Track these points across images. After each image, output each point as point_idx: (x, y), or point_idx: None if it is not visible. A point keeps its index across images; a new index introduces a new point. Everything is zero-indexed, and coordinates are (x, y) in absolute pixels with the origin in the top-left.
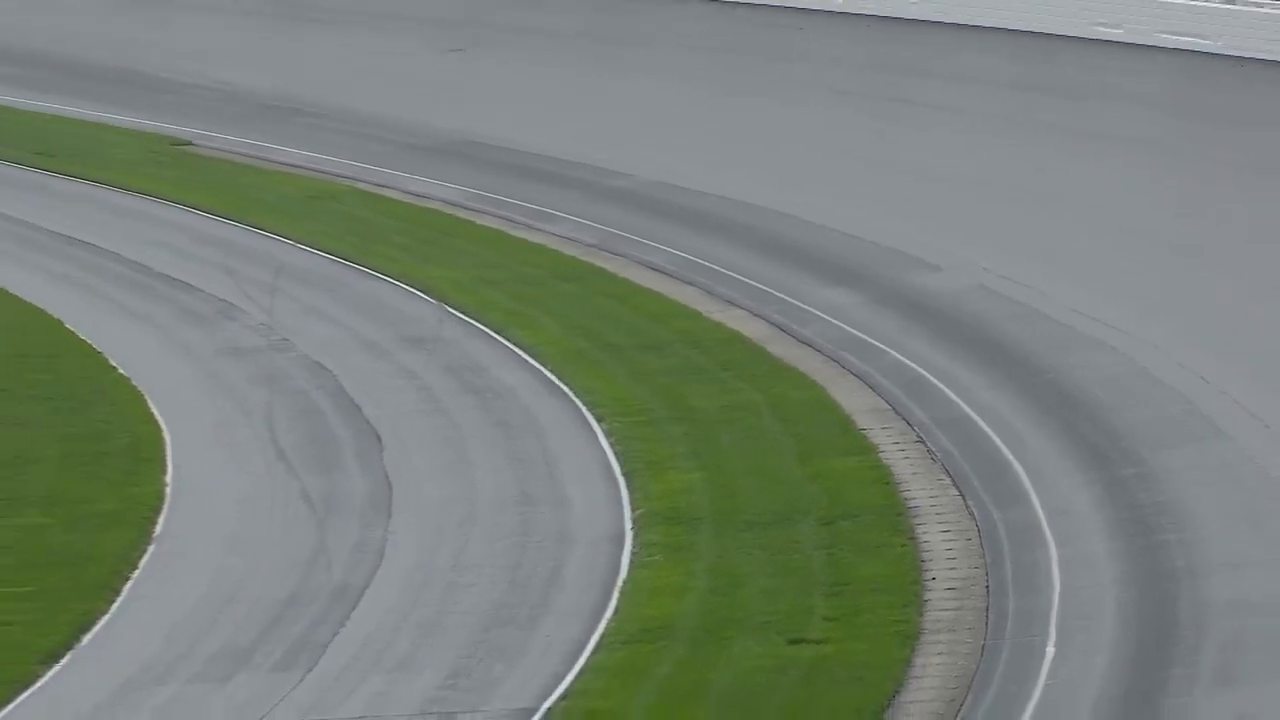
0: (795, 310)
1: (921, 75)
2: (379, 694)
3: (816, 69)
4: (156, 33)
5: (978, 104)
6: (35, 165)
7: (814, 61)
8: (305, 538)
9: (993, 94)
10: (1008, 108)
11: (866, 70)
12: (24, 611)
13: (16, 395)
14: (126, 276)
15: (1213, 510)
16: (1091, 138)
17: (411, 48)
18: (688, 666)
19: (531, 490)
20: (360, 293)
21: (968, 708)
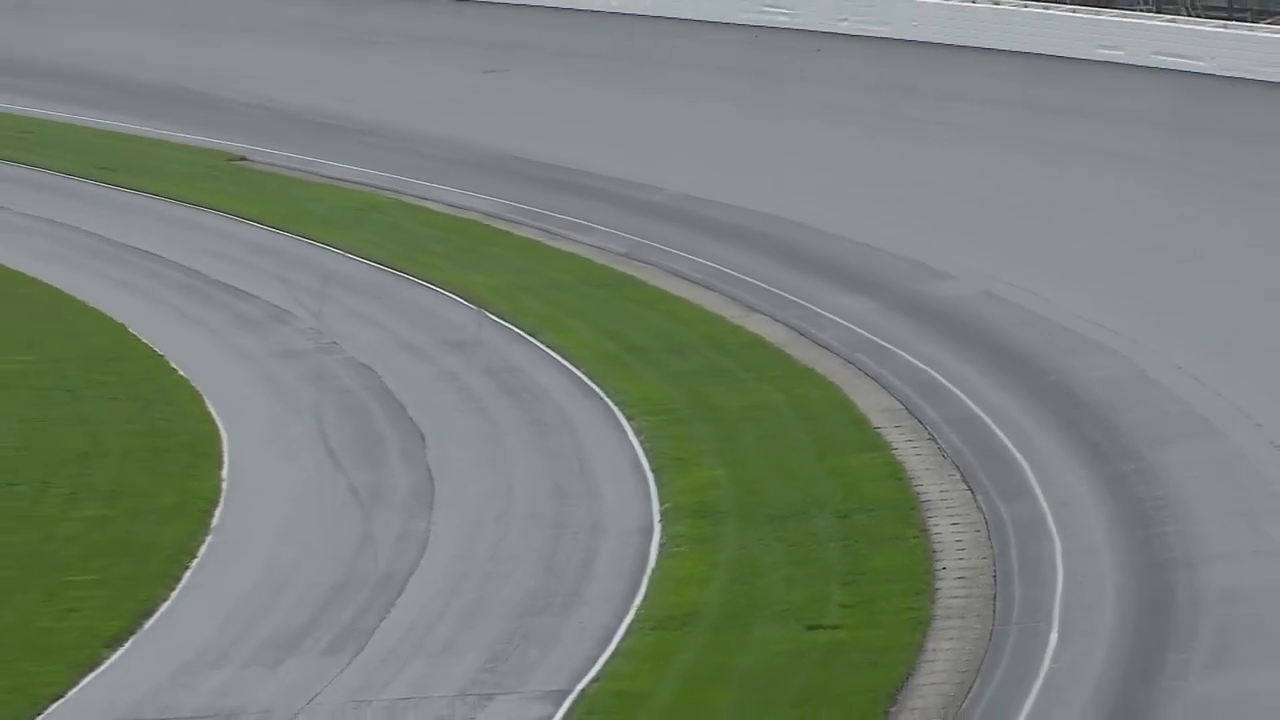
0: (814, 315)
1: (931, 95)
2: (422, 677)
3: (833, 89)
4: (215, 56)
5: (986, 121)
6: (100, 179)
7: (831, 82)
8: (352, 529)
9: (1000, 112)
10: (1014, 125)
11: (880, 90)
12: (90, 598)
13: (83, 395)
14: (185, 284)
15: (1207, 504)
16: (1093, 153)
17: (453, 68)
18: (712, 651)
19: (565, 485)
20: (404, 299)
21: (976, 690)
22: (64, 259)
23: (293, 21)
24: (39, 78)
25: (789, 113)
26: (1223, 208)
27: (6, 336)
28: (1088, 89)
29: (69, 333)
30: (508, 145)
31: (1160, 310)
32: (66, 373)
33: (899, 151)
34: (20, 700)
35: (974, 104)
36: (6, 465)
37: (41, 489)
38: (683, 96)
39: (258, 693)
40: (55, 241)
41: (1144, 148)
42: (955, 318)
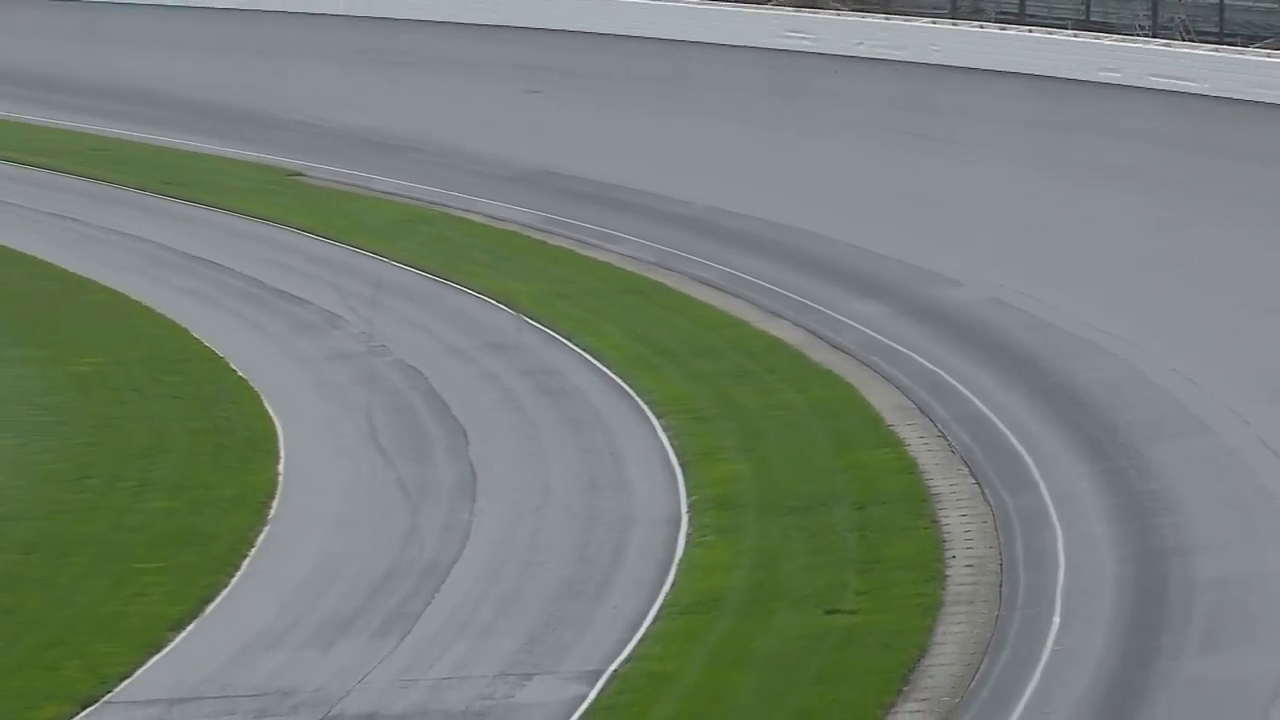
0: (831, 320)
1: (943, 114)
2: (464, 658)
3: (851, 108)
4: (274, 79)
5: (994, 139)
6: (165, 193)
7: (848, 101)
8: (400, 520)
9: (1008, 130)
10: (1021, 142)
11: (895, 110)
12: (155, 584)
13: (150, 395)
14: (245, 291)
15: (1200, 497)
16: (1094, 168)
17: (494, 89)
18: (736, 634)
19: (598, 478)
20: (448, 304)
21: (983, 670)
22: (133, 268)
23: (347, 47)
24: (111, 100)
25: (808, 131)
26: (1216, 220)
27: (80, 340)
28: (1089, 108)
29: (137, 336)
30: (544, 161)
31: (1157, 316)
32: (135, 374)
33: (913, 167)
34: (91, 679)
35: (983, 122)
36: (79, 460)
37: (111, 482)
38: (708, 115)
39: (311, 673)
40: (125, 252)
41: (1142, 163)
42: (964, 323)
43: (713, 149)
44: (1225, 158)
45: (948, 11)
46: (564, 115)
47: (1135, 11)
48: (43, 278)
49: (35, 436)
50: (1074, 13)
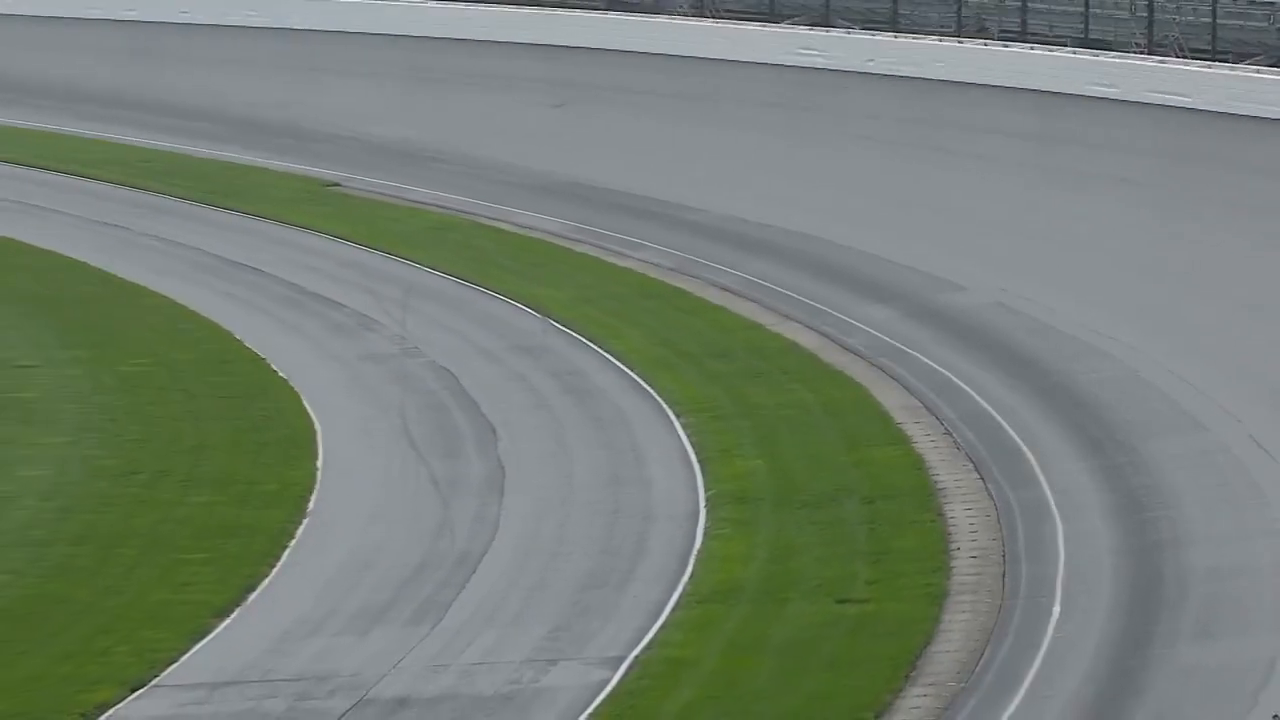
0: (842, 323)
1: (948, 126)
2: (494, 645)
3: (860, 121)
4: (312, 95)
5: (997, 150)
6: (210, 203)
7: (858, 115)
8: (432, 513)
9: (1010, 142)
10: (1022, 154)
11: (903, 123)
12: (201, 574)
13: (195, 394)
14: (285, 295)
15: (1193, 491)
16: (1093, 179)
17: (521, 104)
18: (752, 622)
19: (620, 474)
20: (478, 309)
21: (987, 657)
22: (180, 274)
23: (380, 64)
24: (160, 115)
25: (821, 143)
26: (1210, 228)
27: (130, 342)
28: (1087, 122)
29: (184, 339)
30: (570, 172)
31: (1153, 320)
32: (181, 374)
33: (920, 177)
34: (140, 664)
35: (986, 135)
36: (129, 456)
37: (159, 477)
38: (725, 128)
39: (348, 658)
40: (172, 259)
41: (1138, 174)
42: (969, 326)
43: (729, 160)
44: (1217, 168)
45: (953, 30)
46: (588, 129)
47: (1131, 30)
48: (93, 283)
49: (86, 434)
50: (1073, 31)
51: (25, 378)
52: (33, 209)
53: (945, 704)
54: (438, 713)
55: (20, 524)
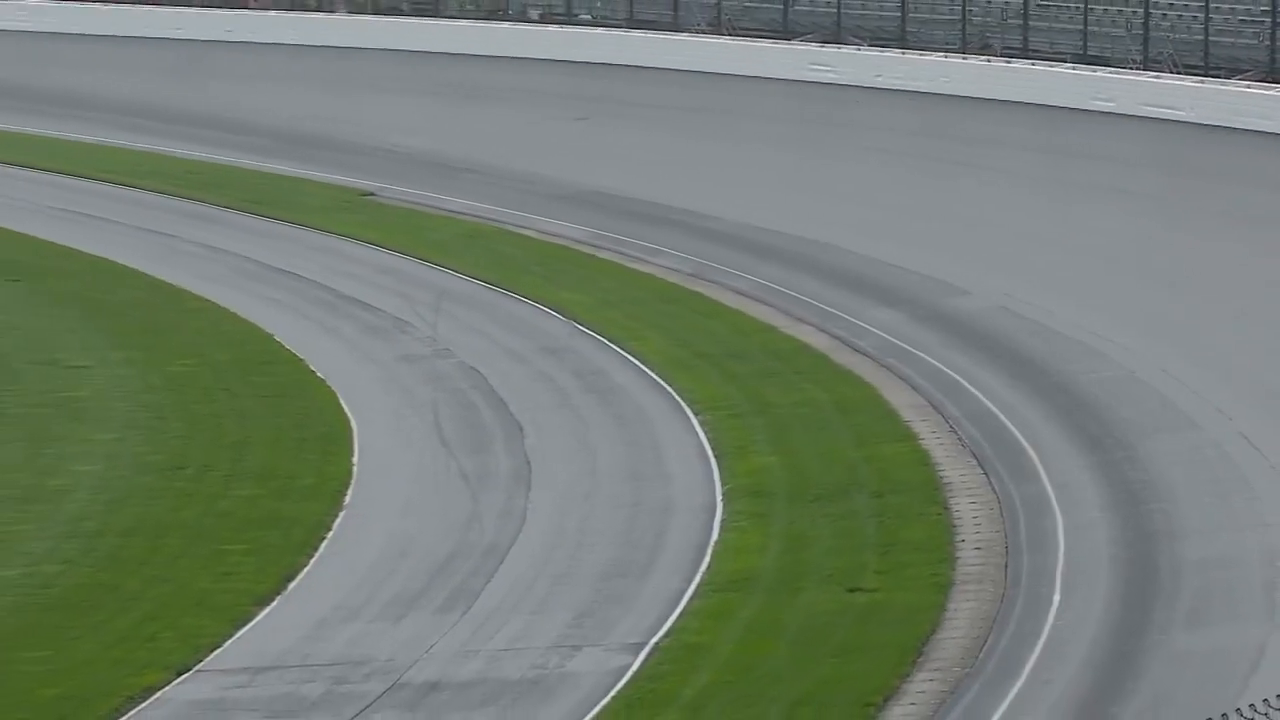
0: (852, 326)
1: (954, 139)
2: (521, 631)
3: (869, 134)
4: (348, 108)
5: (1000, 162)
6: (251, 211)
7: (867, 128)
8: (462, 506)
9: (1011, 154)
10: (1024, 165)
11: (910, 136)
12: (243, 564)
13: (238, 393)
14: (323, 299)
15: (1186, 486)
16: (1092, 189)
17: (546, 117)
18: (766, 610)
19: (641, 469)
20: (506, 312)
21: (990, 643)
22: (223, 279)
23: (412, 80)
24: (203, 127)
25: (831, 155)
26: (1202, 236)
27: (175, 344)
28: (1086, 134)
29: (227, 341)
30: (592, 182)
31: (1149, 323)
32: (224, 374)
33: (926, 187)
34: (184, 649)
35: (990, 147)
36: (175, 452)
37: (203, 472)
38: (741, 141)
39: (382, 644)
40: (216, 264)
41: (1134, 184)
42: (974, 328)
43: (744, 171)
44: (1210, 179)
45: (958, 47)
46: (610, 141)
47: (1128, 47)
48: (141, 288)
49: (135, 431)
50: (1072, 47)
51: (78, 377)
52: (86, 218)
53: (950, 688)
54: (468, 696)
55: (73, 516)
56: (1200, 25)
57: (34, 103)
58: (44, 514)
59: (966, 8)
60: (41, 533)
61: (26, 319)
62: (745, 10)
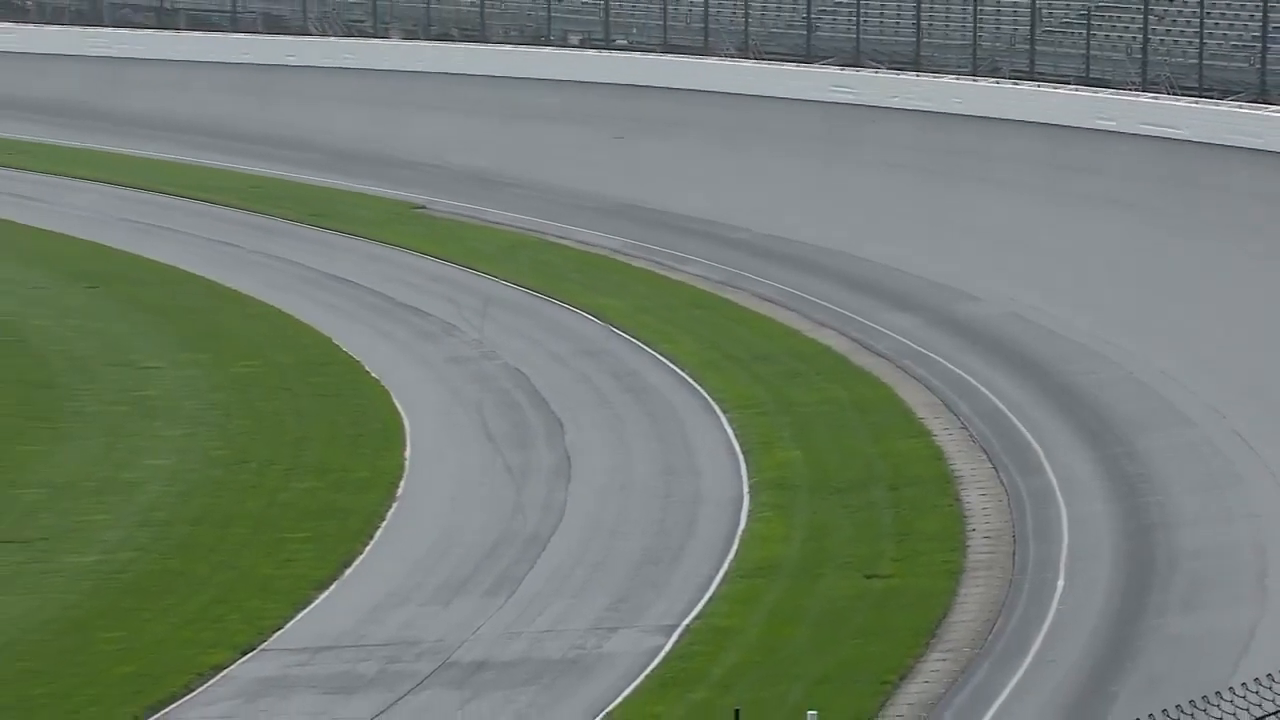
0: (870, 330)
1: (965, 155)
2: (561, 614)
3: (887, 151)
4: (402, 127)
5: (1010, 177)
6: (311, 223)
7: (885, 145)
8: (507, 498)
9: (1021, 169)
10: (1031, 180)
11: (924, 152)
12: (303, 551)
13: (298, 393)
14: (377, 305)
15: (1181, 479)
16: (1094, 202)
17: (586, 136)
18: (790, 595)
19: (673, 464)
20: (547, 317)
21: (999, 626)
22: (284, 286)
23: (461, 101)
24: (266, 145)
25: (851, 170)
26: (1198, 246)
27: (240, 346)
28: (1089, 151)
29: (288, 344)
30: (628, 196)
31: (1147, 326)
32: (286, 375)
33: (939, 200)
34: (249, 630)
35: (999, 163)
36: (240, 447)
37: (266, 466)
38: (768, 157)
39: (433, 626)
40: (278, 272)
41: (1135, 198)
42: (984, 333)
43: (770, 185)
44: (1204, 193)
45: (969, 70)
46: (645, 157)
47: (1128, 69)
48: (208, 294)
49: (203, 427)
50: (1076, 70)
51: (150, 378)
52: (159, 229)
53: (961, 668)
54: (512, 675)
55: (145, 506)
56: (1195, 49)
57: (113, 123)
58: (119, 504)
59: (977, 34)
60: (116, 522)
61: (104, 324)
62: (771, 36)
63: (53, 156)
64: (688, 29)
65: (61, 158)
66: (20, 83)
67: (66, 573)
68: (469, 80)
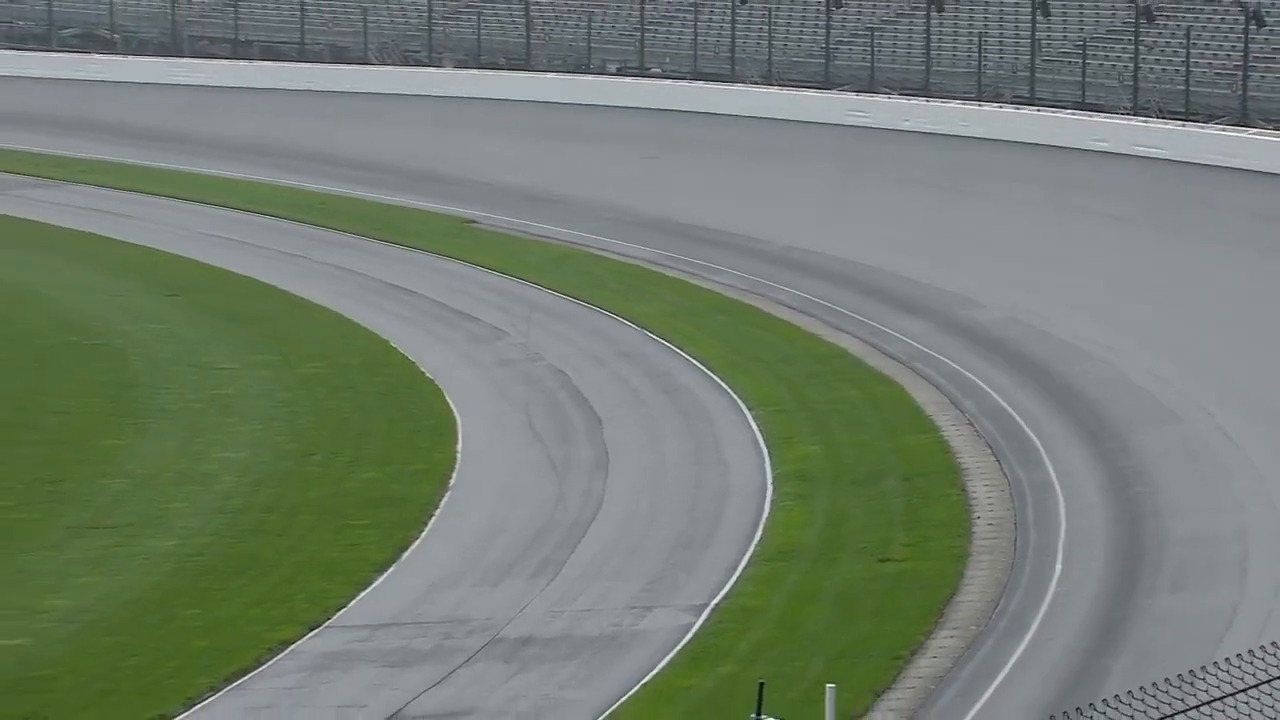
0: (883, 334)
1: (971, 174)
2: (600, 594)
3: (899, 170)
4: (455, 149)
5: (1012, 193)
6: (373, 236)
7: (897, 165)
8: (550, 488)
9: (1023, 186)
10: (1031, 196)
11: (933, 171)
12: (364, 536)
13: (361, 391)
14: (433, 311)
15: (1170, 472)
16: (1089, 217)
17: (622, 156)
18: (809, 577)
19: (703, 457)
20: (588, 323)
21: (1002, 605)
22: (348, 294)
23: (510, 125)
24: (331, 165)
25: (865, 187)
26: (1185, 256)
27: (307, 349)
28: (1085, 170)
29: (351, 347)
30: (661, 211)
31: (1139, 331)
32: (349, 375)
33: (947, 214)
34: (315, 608)
35: (1002, 181)
36: (306, 441)
37: (331, 458)
38: (788, 175)
39: (482, 605)
40: (342, 281)
41: (1127, 212)
42: (988, 336)
43: (790, 201)
44: (1190, 208)
45: (975, 95)
46: (677, 176)
47: (1120, 95)
48: (279, 301)
49: (273, 423)
50: (1073, 96)
51: (225, 378)
52: (234, 242)
53: (967, 644)
54: (555, 649)
55: (221, 495)
56: (1182, 77)
57: (192, 146)
58: (196, 494)
59: (982, 63)
60: (194, 510)
61: (184, 329)
62: (792, 64)
63: (138, 176)
64: (716, 58)
65: (146, 177)
66: (109, 109)
67: (149, 556)
68: (516, 105)
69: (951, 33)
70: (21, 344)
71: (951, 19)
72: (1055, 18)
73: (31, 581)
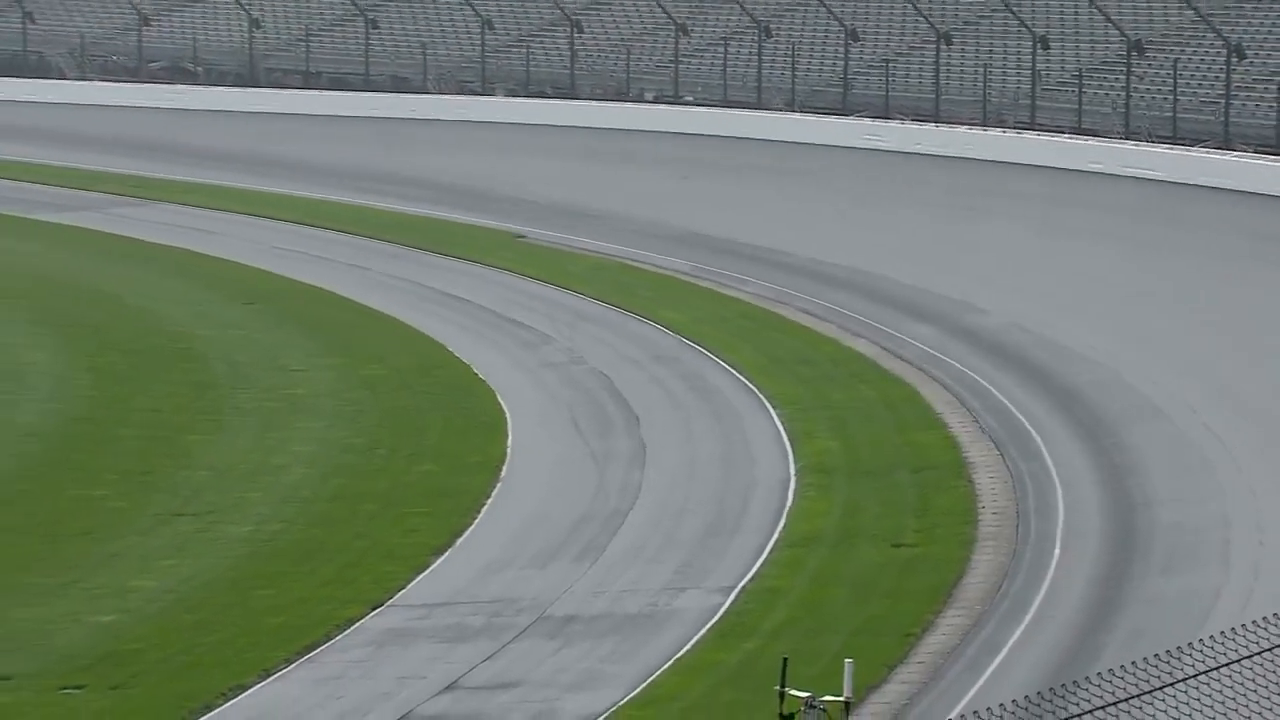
0: (896, 339)
1: (978, 193)
2: (638, 577)
3: (911, 189)
4: (505, 169)
5: (1015, 211)
6: (430, 249)
7: (909, 185)
8: (591, 480)
9: (1024, 205)
10: (1032, 213)
11: (943, 191)
12: (423, 524)
13: (417, 391)
14: (484, 317)
15: (1160, 466)
16: (1086, 233)
17: (658, 176)
18: (829, 561)
19: (732, 451)
20: (626, 328)
21: (1005, 588)
22: (408, 303)
23: (554, 147)
24: (393, 184)
25: (880, 205)
26: (1174, 269)
27: (368, 352)
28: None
29: (409, 350)
30: (693, 227)
31: (1133, 336)
32: (407, 376)
33: (955, 230)
34: (378, 589)
35: (1005, 199)
36: (370, 436)
37: (392, 452)
38: (809, 195)
39: (530, 586)
40: (402, 291)
41: (1120, 229)
42: (992, 341)
43: (812, 217)
44: (1178, 226)
45: (980, 121)
46: (708, 194)
47: (1114, 121)
48: (343, 309)
49: (339, 420)
50: (1070, 122)
51: (296, 379)
52: (305, 255)
53: (973, 623)
54: (597, 626)
55: (292, 486)
56: (1170, 104)
57: (268, 167)
58: (269, 484)
59: (987, 91)
60: (267, 499)
61: (259, 334)
62: (814, 93)
63: (218, 195)
64: (743, 87)
65: (225, 196)
66: (193, 135)
67: (227, 541)
68: (561, 130)
69: (959, 64)
70: (117, 349)
71: (959, 52)
72: (1054, 50)
73: (121, 564)
